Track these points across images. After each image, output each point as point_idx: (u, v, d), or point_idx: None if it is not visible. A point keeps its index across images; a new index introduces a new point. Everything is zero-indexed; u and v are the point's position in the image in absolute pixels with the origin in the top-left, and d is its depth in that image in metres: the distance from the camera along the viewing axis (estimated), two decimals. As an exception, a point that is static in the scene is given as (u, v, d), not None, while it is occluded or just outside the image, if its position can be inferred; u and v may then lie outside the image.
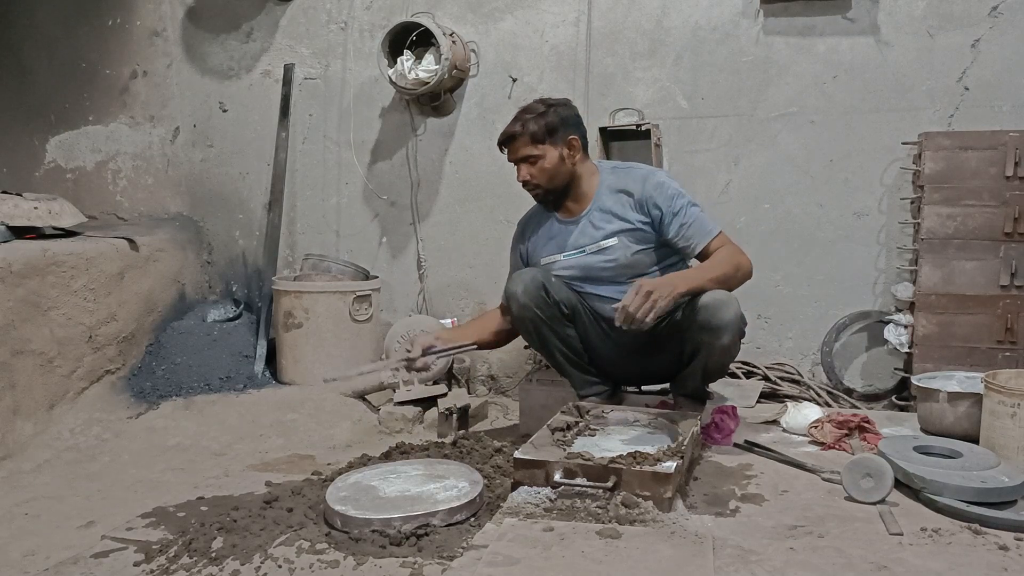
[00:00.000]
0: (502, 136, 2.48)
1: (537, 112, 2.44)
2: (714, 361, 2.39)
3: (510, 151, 2.48)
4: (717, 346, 2.30)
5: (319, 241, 3.78)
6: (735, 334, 2.31)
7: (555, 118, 2.44)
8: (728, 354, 2.39)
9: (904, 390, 3.04)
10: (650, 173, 2.49)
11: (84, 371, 2.98)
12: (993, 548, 1.68)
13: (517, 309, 2.45)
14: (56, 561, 1.80)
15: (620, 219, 2.46)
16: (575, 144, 2.45)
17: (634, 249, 2.45)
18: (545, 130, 2.42)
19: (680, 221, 2.40)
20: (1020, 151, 2.77)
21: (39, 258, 2.81)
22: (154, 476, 2.43)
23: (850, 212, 3.16)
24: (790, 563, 1.62)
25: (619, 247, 2.45)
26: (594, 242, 2.48)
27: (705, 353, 2.35)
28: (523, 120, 2.44)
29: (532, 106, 2.48)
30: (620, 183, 2.49)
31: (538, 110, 2.45)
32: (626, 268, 2.46)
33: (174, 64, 3.92)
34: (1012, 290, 2.80)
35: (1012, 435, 2.11)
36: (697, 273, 2.31)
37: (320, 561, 1.68)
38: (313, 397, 3.02)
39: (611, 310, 2.40)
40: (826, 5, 3.11)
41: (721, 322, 2.25)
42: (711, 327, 2.26)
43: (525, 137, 2.43)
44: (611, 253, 2.46)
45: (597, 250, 2.48)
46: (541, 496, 1.87)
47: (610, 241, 2.46)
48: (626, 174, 2.51)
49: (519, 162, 2.47)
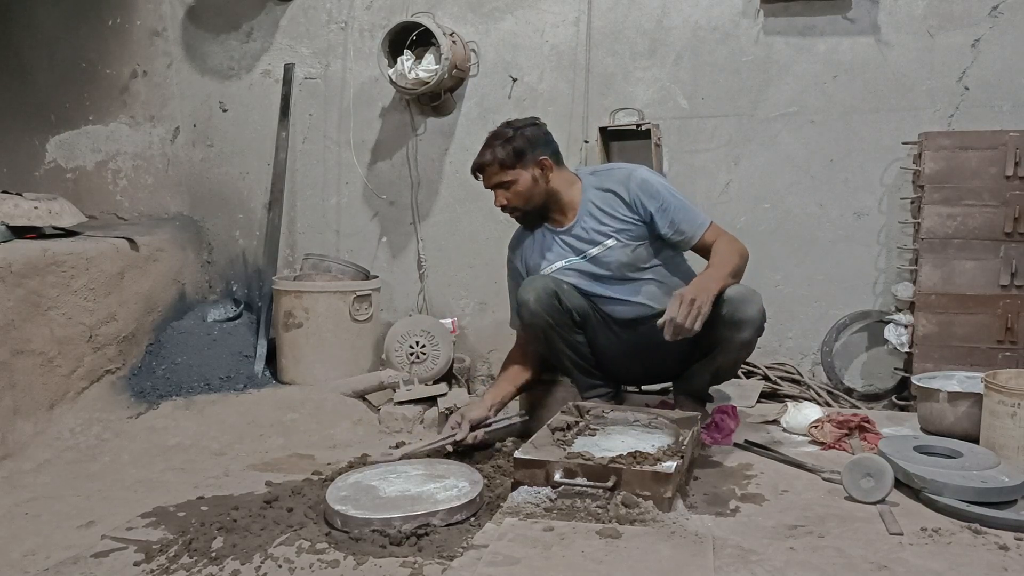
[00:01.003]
0: (474, 166, 2.52)
1: (504, 138, 2.47)
2: (730, 358, 2.40)
3: (484, 179, 2.52)
4: (737, 341, 2.32)
5: (319, 241, 3.78)
6: (756, 330, 2.33)
7: (522, 142, 2.46)
8: (745, 350, 2.40)
9: (904, 390, 3.04)
10: (632, 171, 2.50)
11: (84, 371, 2.98)
12: (993, 548, 1.68)
13: (528, 316, 2.46)
14: (56, 561, 1.80)
15: (613, 218, 2.48)
16: (546, 164, 2.48)
17: (633, 245, 2.47)
18: (513, 155, 2.45)
19: (670, 216, 2.43)
20: (1020, 151, 2.77)
21: (39, 258, 2.81)
22: (154, 476, 2.43)
23: (850, 212, 3.16)
24: (790, 563, 1.62)
25: (618, 246, 2.47)
26: (593, 245, 2.49)
27: (723, 348, 2.36)
28: (492, 147, 2.47)
29: (500, 131, 2.51)
30: (604, 183, 2.51)
31: (505, 135, 2.47)
32: (628, 265, 2.48)
33: (174, 64, 3.92)
34: (1012, 290, 2.80)
35: (1012, 435, 2.12)
36: (718, 271, 2.32)
37: (320, 561, 1.68)
38: (313, 397, 3.02)
39: (620, 312, 2.48)
40: (826, 5, 3.11)
41: (745, 316, 2.28)
42: (735, 320, 2.28)
43: (495, 165, 2.46)
44: (612, 253, 2.47)
45: (597, 252, 2.49)
46: (541, 496, 1.87)
47: (608, 242, 2.48)
48: (608, 175, 2.53)
49: (494, 188, 2.51)
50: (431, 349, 3.20)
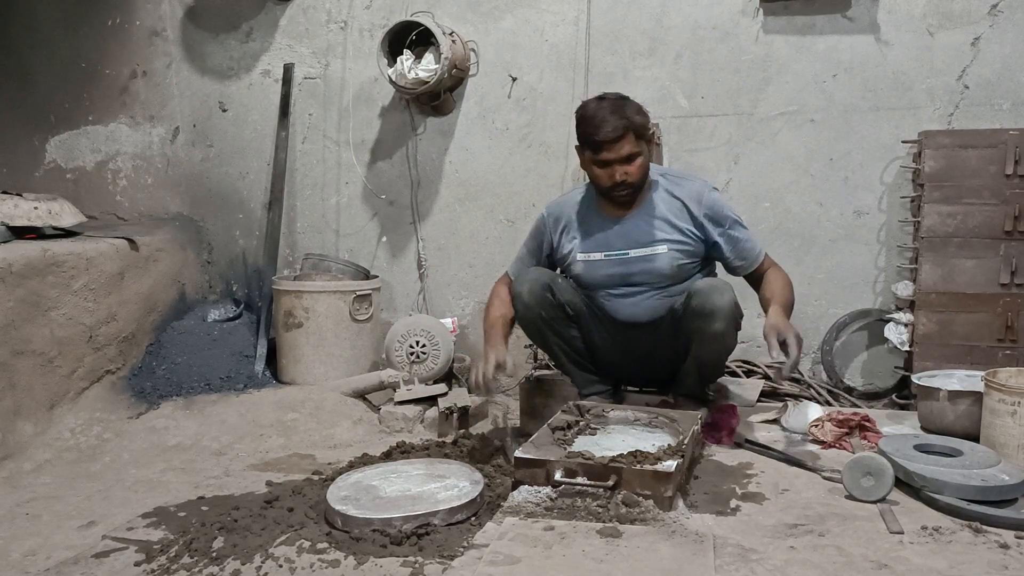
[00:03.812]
0: (608, 134, 2.24)
1: (631, 106, 2.26)
2: (708, 350, 2.36)
3: (611, 151, 2.26)
4: (709, 332, 2.27)
5: (319, 241, 3.78)
6: (728, 320, 2.27)
7: (644, 112, 2.31)
8: (722, 343, 2.34)
9: (904, 388, 3.04)
10: (704, 188, 2.42)
11: (84, 371, 2.98)
12: (994, 546, 1.68)
13: (522, 308, 2.44)
14: (57, 561, 1.80)
15: (673, 228, 2.39)
16: (657, 142, 2.36)
17: (681, 261, 2.40)
18: (645, 125, 2.28)
19: (735, 243, 2.39)
20: (1020, 149, 2.77)
21: (39, 258, 2.81)
22: (155, 476, 2.43)
23: (850, 211, 3.16)
24: (791, 562, 1.62)
25: (665, 256, 2.39)
26: (641, 246, 2.40)
27: (698, 341, 2.32)
28: (625, 115, 2.25)
29: (615, 103, 2.27)
30: (675, 191, 2.42)
31: (627, 105, 2.26)
32: (665, 277, 2.41)
33: (174, 64, 3.92)
34: (1012, 288, 2.80)
35: (1012, 433, 2.11)
36: (783, 304, 2.26)
37: (321, 561, 1.68)
38: (313, 397, 3.02)
39: (623, 313, 2.42)
40: (825, 4, 3.11)
41: (714, 306, 2.24)
42: (704, 311, 2.25)
43: (631, 133, 2.24)
44: (656, 261, 2.39)
45: (643, 255, 2.40)
46: (542, 495, 1.87)
47: (659, 248, 2.39)
48: (680, 184, 2.44)
49: (619, 161, 2.27)
50: (431, 349, 3.20)
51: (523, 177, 3.51)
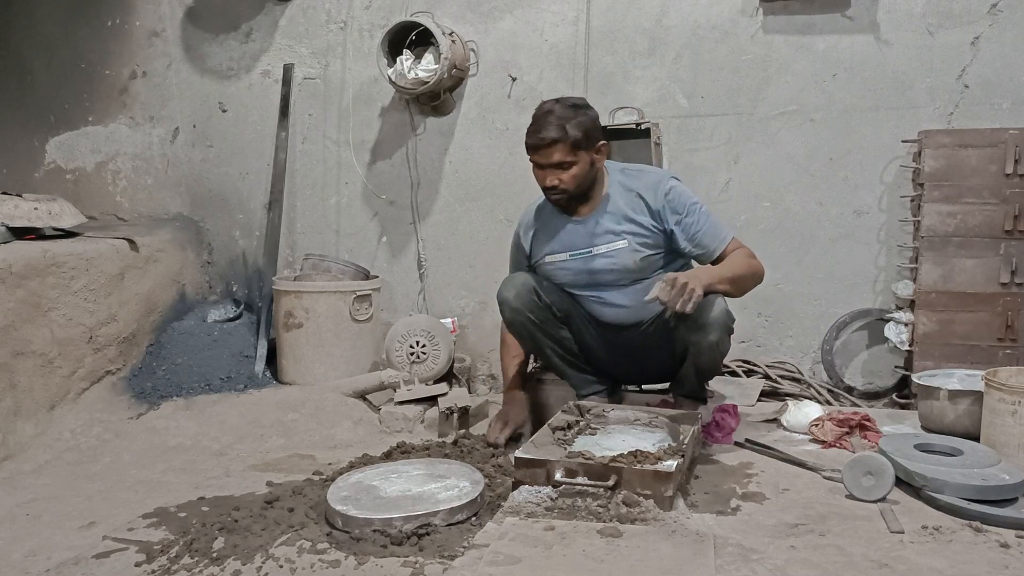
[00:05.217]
0: (539, 140, 2.30)
1: (575, 118, 2.29)
2: (705, 359, 2.37)
3: (541, 155, 2.32)
4: (705, 343, 2.29)
5: (319, 241, 3.78)
6: (722, 330, 2.29)
7: (589, 124, 2.33)
8: (717, 350, 2.35)
9: (905, 388, 3.04)
10: (662, 178, 2.44)
11: (85, 372, 2.98)
12: (994, 546, 1.68)
13: (510, 314, 2.45)
14: (57, 562, 1.80)
15: (631, 221, 2.41)
16: (603, 150, 2.38)
17: (642, 253, 2.41)
18: (585, 137, 2.30)
19: (691, 231, 2.38)
20: (1020, 149, 2.77)
21: (39, 259, 2.81)
22: (155, 476, 2.43)
23: (850, 210, 3.16)
24: (791, 561, 1.62)
25: (627, 250, 2.41)
26: (604, 243, 2.43)
27: (695, 352, 2.34)
28: (561, 125, 2.28)
29: (563, 111, 2.31)
30: (632, 184, 2.44)
31: (571, 116, 2.29)
32: (630, 272, 2.43)
33: (173, 64, 3.91)
34: (1012, 288, 2.80)
35: (1012, 433, 2.12)
36: (717, 269, 2.28)
37: (321, 561, 1.69)
38: (313, 397, 3.02)
39: (606, 315, 2.46)
40: (825, 3, 3.11)
41: (707, 319, 2.25)
42: (698, 325, 2.26)
43: (565, 144, 2.28)
44: (618, 256, 2.42)
45: (605, 251, 2.43)
46: (542, 495, 1.88)
47: (619, 243, 2.42)
48: (637, 177, 2.47)
49: (551, 167, 2.33)
50: (431, 349, 3.20)
51: (523, 177, 3.47)
